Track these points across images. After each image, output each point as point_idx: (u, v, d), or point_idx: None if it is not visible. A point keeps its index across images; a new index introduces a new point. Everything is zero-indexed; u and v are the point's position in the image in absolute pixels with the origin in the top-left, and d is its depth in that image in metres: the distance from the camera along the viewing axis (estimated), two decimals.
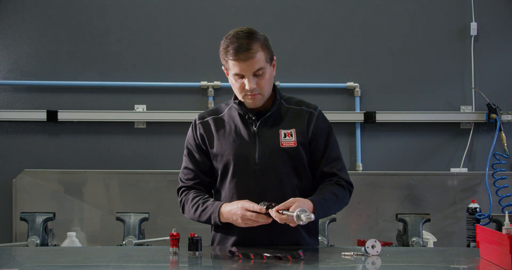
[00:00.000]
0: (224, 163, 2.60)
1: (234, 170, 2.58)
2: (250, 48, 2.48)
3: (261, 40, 2.52)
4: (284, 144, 2.58)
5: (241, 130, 2.60)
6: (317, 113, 2.63)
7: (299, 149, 2.58)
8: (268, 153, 2.56)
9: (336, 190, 2.56)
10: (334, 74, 4.33)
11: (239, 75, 2.52)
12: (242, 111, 2.61)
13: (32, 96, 4.27)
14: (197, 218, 2.61)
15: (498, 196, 4.02)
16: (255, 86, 2.51)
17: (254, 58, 2.48)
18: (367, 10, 4.35)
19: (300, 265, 2.21)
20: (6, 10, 4.26)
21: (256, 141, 2.58)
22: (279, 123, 2.60)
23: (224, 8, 4.32)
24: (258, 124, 2.59)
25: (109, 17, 4.31)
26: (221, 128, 2.63)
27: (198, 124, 2.68)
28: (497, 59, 4.34)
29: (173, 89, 4.32)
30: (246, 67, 2.49)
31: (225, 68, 2.59)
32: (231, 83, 2.58)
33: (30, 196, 4.13)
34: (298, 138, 2.58)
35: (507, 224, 2.19)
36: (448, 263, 2.41)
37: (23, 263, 2.40)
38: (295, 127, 2.59)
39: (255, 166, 2.56)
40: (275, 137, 2.58)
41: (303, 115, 2.62)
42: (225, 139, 2.61)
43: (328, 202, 2.51)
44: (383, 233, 4.16)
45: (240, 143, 2.58)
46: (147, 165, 4.25)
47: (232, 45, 2.49)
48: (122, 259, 2.41)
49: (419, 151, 4.33)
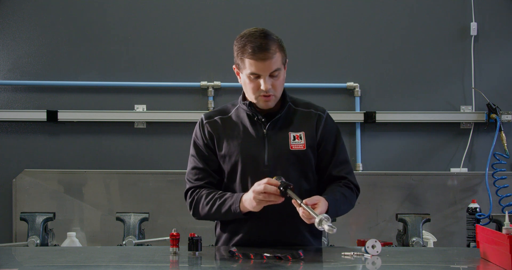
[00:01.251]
0: (232, 164, 2.57)
1: (243, 171, 2.56)
2: (270, 48, 2.46)
3: (277, 42, 2.51)
4: (294, 147, 2.56)
5: (250, 131, 2.58)
6: (325, 116, 2.62)
7: (308, 152, 2.57)
8: (277, 156, 2.54)
9: (345, 192, 2.56)
10: (334, 74, 4.33)
11: (255, 75, 2.48)
12: (251, 112, 2.58)
13: (32, 96, 4.27)
14: (213, 213, 2.52)
15: (498, 196, 4.02)
16: (271, 86, 2.49)
17: (273, 59, 2.47)
18: (367, 10, 4.35)
19: (300, 265, 2.21)
20: (6, 10, 4.26)
21: (266, 143, 2.56)
22: (289, 125, 2.59)
23: (224, 8, 4.32)
24: (268, 126, 2.57)
25: (109, 17, 4.31)
26: (229, 128, 2.60)
27: (205, 123, 2.63)
28: (497, 59, 4.34)
29: (173, 89, 4.32)
30: (264, 67, 2.46)
31: (237, 68, 2.55)
32: (244, 83, 2.54)
33: (30, 196, 4.13)
34: (307, 141, 2.57)
35: (507, 224, 2.19)
36: (448, 263, 2.41)
37: (23, 263, 2.40)
38: (304, 130, 2.58)
39: (264, 168, 2.53)
40: (284, 139, 2.56)
41: (312, 118, 2.60)
42: (234, 139, 2.58)
43: (339, 203, 2.50)
44: (383, 233, 4.16)
45: (249, 144, 2.56)
46: (147, 165, 4.25)
47: (250, 44, 2.46)
48: (122, 259, 2.41)
49: (419, 151, 4.33)
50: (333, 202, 2.45)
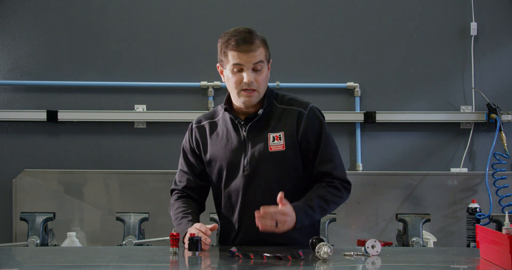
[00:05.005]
0: (218, 169, 2.60)
1: (227, 175, 2.58)
2: (253, 41, 2.48)
3: (261, 38, 2.53)
4: (273, 148, 2.55)
5: (232, 135, 2.59)
6: (307, 112, 2.57)
7: (288, 152, 2.54)
8: (257, 159, 2.54)
9: (325, 193, 2.53)
10: (334, 74, 4.33)
11: (238, 67, 2.49)
12: (231, 115, 2.59)
13: (32, 96, 4.27)
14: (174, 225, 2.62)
15: (498, 196, 4.02)
16: (253, 80, 2.49)
17: (256, 51, 2.48)
18: (367, 10, 4.35)
19: (300, 265, 2.21)
20: (6, 10, 4.26)
21: (246, 146, 2.56)
22: (268, 126, 2.57)
23: (224, 8, 4.32)
24: (248, 129, 2.57)
25: (109, 17, 4.31)
26: (215, 133, 2.62)
27: (194, 128, 2.68)
28: (497, 59, 4.34)
29: (173, 89, 4.32)
30: (247, 58, 2.47)
31: (221, 65, 2.57)
32: (227, 78, 2.54)
33: (30, 196, 4.13)
34: (287, 140, 2.55)
35: (507, 224, 2.19)
36: (448, 263, 2.41)
37: (23, 263, 2.40)
38: (284, 130, 2.56)
39: (244, 171, 2.55)
40: (264, 141, 2.55)
41: (292, 116, 2.57)
42: (218, 144, 2.60)
43: (315, 209, 2.48)
44: (383, 233, 4.16)
45: (231, 149, 2.57)
46: (147, 165, 4.25)
47: (234, 37, 2.48)
48: (122, 259, 2.40)
49: (419, 151, 4.33)
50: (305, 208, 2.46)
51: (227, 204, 2.60)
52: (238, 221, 2.60)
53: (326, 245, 2.27)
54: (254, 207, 2.44)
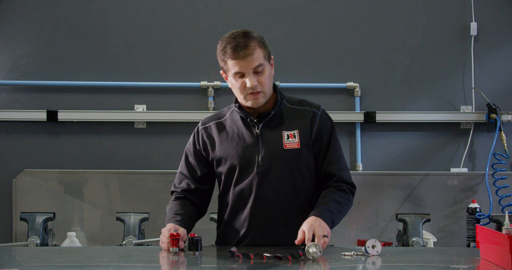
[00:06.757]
0: (229, 167, 2.60)
1: (239, 173, 2.58)
2: (248, 46, 2.48)
3: (257, 39, 2.53)
4: (287, 145, 2.57)
5: (244, 133, 2.60)
6: (320, 113, 2.62)
7: (302, 150, 2.57)
8: (271, 155, 2.55)
9: (338, 198, 2.55)
10: (334, 74, 4.33)
11: (239, 74, 2.51)
12: (243, 114, 2.60)
13: (32, 96, 4.27)
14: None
15: (498, 196, 4.02)
16: (256, 83, 2.51)
17: (253, 55, 2.49)
18: (366, 10, 4.35)
19: (300, 265, 2.21)
20: (6, 10, 4.26)
21: (260, 144, 2.57)
22: (282, 124, 2.59)
23: (223, 8, 4.32)
24: (261, 126, 2.58)
25: (109, 17, 4.31)
26: (224, 132, 2.63)
27: (201, 130, 2.68)
28: (497, 59, 4.34)
29: (173, 89, 4.32)
30: (246, 64, 2.49)
31: (223, 71, 2.58)
32: (231, 84, 2.57)
33: (30, 196, 4.13)
34: (302, 139, 2.57)
35: (507, 224, 2.19)
36: (448, 263, 2.41)
37: (23, 263, 2.40)
38: (298, 128, 2.59)
39: (258, 168, 2.55)
40: (278, 138, 2.57)
41: (306, 116, 2.61)
42: (228, 143, 2.60)
43: (334, 213, 2.49)
44: (383, 233, 4.16)
45: (244, 146, 2.58)
46: (147, 165, 4.25)
47: (229, 45, 2.49)
48: (122, 259, 2.41)
49: (419, 151, 4.33)
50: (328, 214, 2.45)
51: (237, 202, 2.60)
52: (249, 218, 2.59)
53: (315, 245, 2.26)
54: (265, 204, 2.51)
